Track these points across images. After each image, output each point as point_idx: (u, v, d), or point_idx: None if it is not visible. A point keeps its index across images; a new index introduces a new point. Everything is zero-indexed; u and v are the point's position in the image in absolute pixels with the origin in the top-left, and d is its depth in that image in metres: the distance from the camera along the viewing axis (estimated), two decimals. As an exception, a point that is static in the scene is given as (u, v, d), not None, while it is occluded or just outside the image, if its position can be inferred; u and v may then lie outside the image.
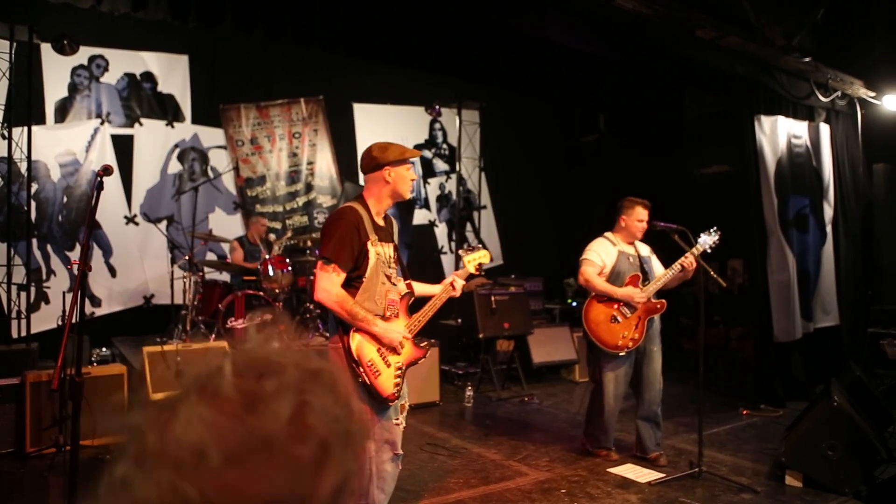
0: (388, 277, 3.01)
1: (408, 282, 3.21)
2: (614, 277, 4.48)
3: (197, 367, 0.64)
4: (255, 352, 0.66)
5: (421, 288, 3.32)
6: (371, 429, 2.91)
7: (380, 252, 2.98)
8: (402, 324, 3.06)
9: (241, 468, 0.57)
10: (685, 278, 4.42)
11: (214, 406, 0.59)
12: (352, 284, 2.93)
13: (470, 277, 3.36)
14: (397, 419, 3.02)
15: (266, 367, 0.63)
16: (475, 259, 3.35)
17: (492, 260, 4.08)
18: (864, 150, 7.49)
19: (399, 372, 2.97)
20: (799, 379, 6.59)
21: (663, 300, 4.49)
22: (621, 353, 4.40)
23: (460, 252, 3.40)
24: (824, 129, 7.12)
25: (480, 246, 3.46)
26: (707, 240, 4.39)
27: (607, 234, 4.66)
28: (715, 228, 4.41)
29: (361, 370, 2.85)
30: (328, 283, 2.85)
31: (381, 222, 3.09)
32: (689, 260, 4.30)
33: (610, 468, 4.50)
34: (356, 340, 2.88)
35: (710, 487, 4.13)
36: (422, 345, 3.15)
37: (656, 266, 4.66)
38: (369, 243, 2.95)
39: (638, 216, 4.51)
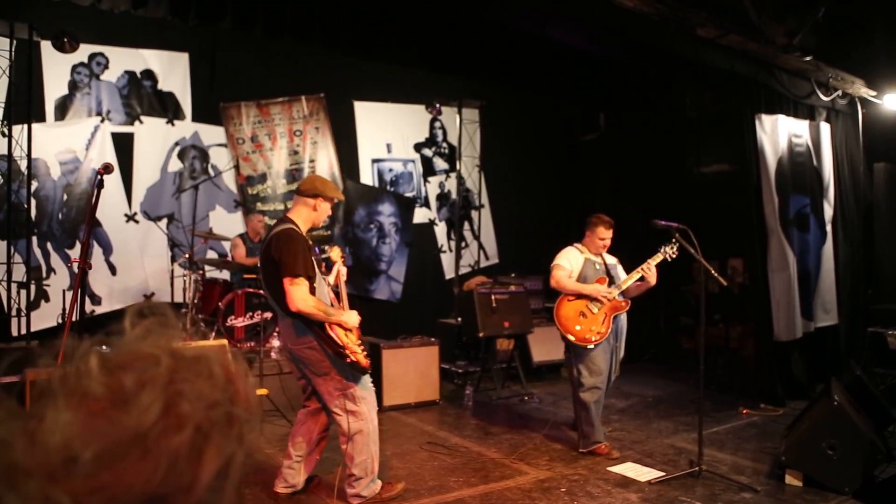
0: (323, 279, 3.82)
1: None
2: (581, 281, 4.81)
3: (62, 368, 0.62)
4: (126, 346, 0.63)
5: None
6: (363, 395, 3.63)
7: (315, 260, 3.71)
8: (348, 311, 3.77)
9: (115, 467, 0.56)
10: (648, 286, 4.75)
11: (81, 407, 0.58)
12: (311, 291, 3.56)
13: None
14: (371, 382, 3.77)
15: (136, 361, 0.61)
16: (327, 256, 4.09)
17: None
18: (864, 150, 7.49)
19: (361, 345, 3.66)
20: (799, 378, 6.59)
21: (628, 300, 4.78)
22: (589, 346, 4.64)
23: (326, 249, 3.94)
24: (825, 129, 7.12)
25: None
26: (667, 250, 4.69)
27: (576, 244, 5.01)
28: (674, 240, 4.65)
29: (348, 352, 3.49)
30: (303, 294, 3.44)
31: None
32: (648, 266, 4.65)
33: (610, 467, 4.50)
34: (336, 332, 3.52)
35: (710, 486, 4.13)
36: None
37: (622, 274, 4.96)
38: (313, 256, 3.66)
39: (600, 234, 4.84)
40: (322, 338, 3.49)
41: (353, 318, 3.68)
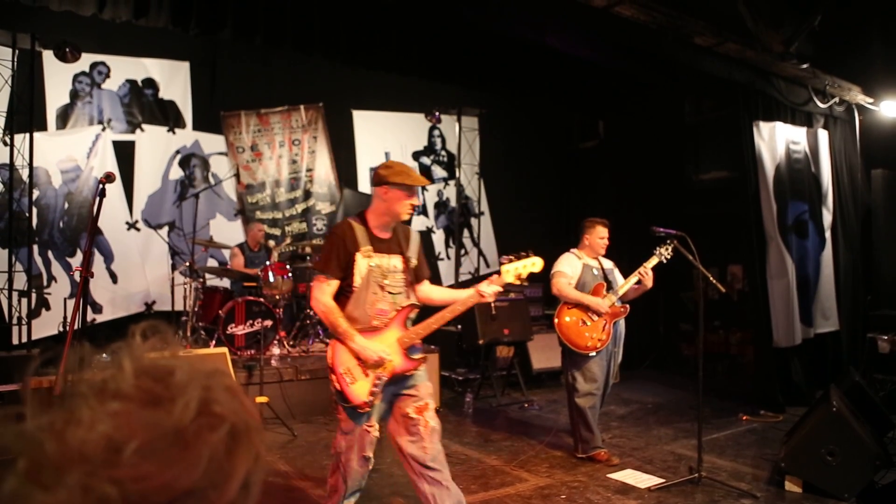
0: (382, 287, 3.09)
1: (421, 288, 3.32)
2: (580, 287, 4.81)
3: (90, 374, 0.64)
4: (150, 358, 0.66)
5: (446, 294, 3.39)
6: (350, 429, 3.08)
7: (375, 263, 3.09)
8: (392, 336, 3.10)
9: (157, 459, 0.57)
10: (645, 289, 4.74)
11: (119, 402, 0.60)
12: (344, 293, 3.09)
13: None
14: (370, 425, 3.11)
15: (163, 370, 0.64)
16: (516, 270, 3.21)
17: (542, 269, 4.07)
18: (862, 156, 7.51)
19: (378, 382, 3.04)
20: (798, 384, 6.59)
21: (627, 305, 4.77)
22: (591, 354, 4.65)
23: (502, 258, 3.29)
24: (823, 135, 7.15)
25: (527, 254, 3.27)
26: (661, 252, 4.68)
27: (573, 250, 5.00)
28: (668, 241, 4.65)
29: (334, 377, 3.04)
30: (318, 293, 3.07)
31: (382, 235, 3.18)
32: (645, 269, 4.63)
33: (610, 474, 4.50)
34: (334, 349, 3.07)
35: (709, 493, 4.13)
36: (415, 356, 3.13)
37: (619, 277, 4.98)
38: (359, 254, 3.07)
39: (599, 234, 4.86)
40: (331, 351, 3.09)
41: (367, 350, 3.00)
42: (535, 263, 3.26)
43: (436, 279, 9.18)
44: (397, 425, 3.14)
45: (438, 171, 9.53)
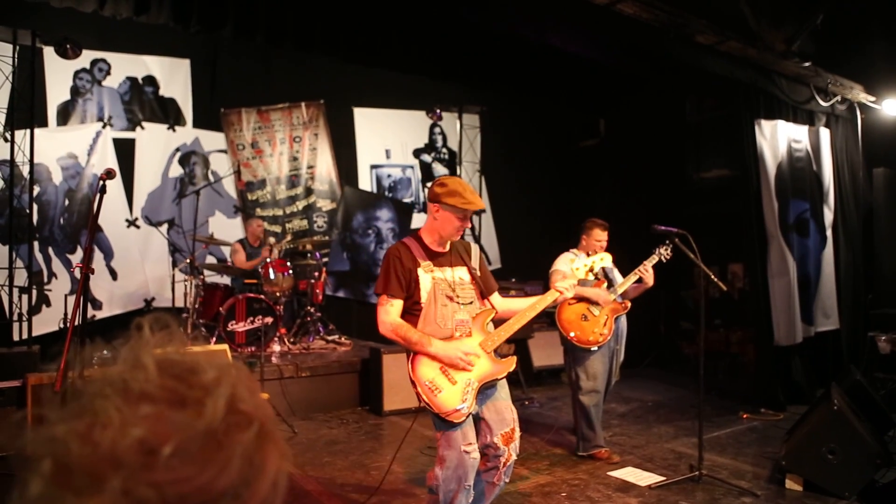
0: (451, 299, 3.01)
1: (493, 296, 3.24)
2: (578, 286, 4.74)
3: (107, 371, 0.62)
4: (169, 354, 0.65)
5: (521, 303, 3.29)
6: (449, 448, 2.88)
7: (439, 276, 3.02)
8: (475, 340, 2.98)
9: (193, 461, 0.57)
10: (646, 287, 4.74)
11: (149, 405, 0.59)
12: (411, 312, 3.00)
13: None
14: (469, 444, 2.87)
15: (186, 367, 0.63)
16: (585, 265, 3.26)
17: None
18: (864, 155, 7.50)
19: (468, 388, 2.88)
20: (799, 383, 6.59)
21: (627, 302, 4.78)
22: (593, 349, 4.65)
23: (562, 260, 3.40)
24: (824, 134, 7.14)
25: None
26: (661, 251, 4.69)
27: (572, 249, 5.02)
28: (668, 240, 4.65)
29: (418, 390, 2.88)
30: (383, 315, 2.95)
31: (439, 249, 3.11)
32: (645, 267, 4.62)
33: (610, 471, 4.50)
34: (413, 364, 2.93)
35: (710, 491, 4.13)
36: (503, 359, 3.03)
37: (618, 276, 4.98)
38: (420, 270, 3.00)
39: (596, 237, 4.86)
40: (410, 366, 2.95)
41: (447, 351, 2.88)
42: (603, 258, 3.34)
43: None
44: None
45: (439, 169, 9.53)
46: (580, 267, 3.28)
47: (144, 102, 7.57)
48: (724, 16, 5.85)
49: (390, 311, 2.95)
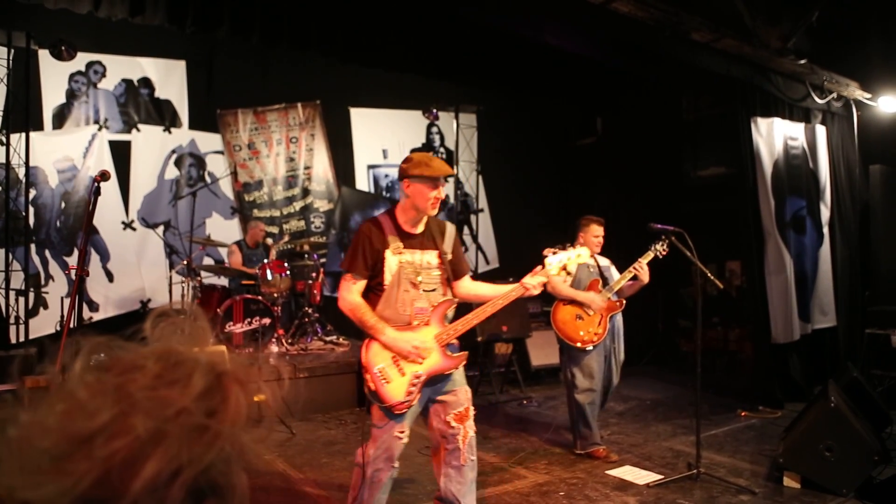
0: (415, 285, 2.96)
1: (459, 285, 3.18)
2: (575, 284, 4.81)
3: (62, 371, 0.64)
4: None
5: (489, 289, 3.24)
6: (382, 433, 2.96)
7: (406, 260, 2.97)
8: (430, 332, 2.96)
9: (61, 464, 0.57)
10: (641, 285, 4.72)
11: (61, 406, 0.60)
12: (374, 290, 2.98)
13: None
14: (402, 431, 2.95)
15: (118, 366, 0.64)
16: (560, 262, 3.11)
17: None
18: (860, 152, 7.50)
19: (416, 381, 2.89)
20: (797, 380, 6.59)
21: (622, 300, 4.78)
22: (588, 348, 4.65)
23: (546, 250, 3.17)
24: (820, 131, 7.14)
25: (572, 245, 3.18)
26: (657, 248, 4.68)
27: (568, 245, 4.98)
28: (664, 237, 4.66)
29: (367, 376, 2.88)
30: (345, 291, 2.95)
31: (413, 230, 3.05)
32: (640, 264, 4.61)
33: (608, 470, 4.50)
34: (367, 347, 2.92)
35: (708, 489, 4.14)
36: (455, 354, 3.02)
37: (615, 274, 4.97)
38: (388, 251, 2.95)
39: (594, 232, 4.86)
40: (364, 350, 2.96)
41: (399, 342, 2.87)
42: (580, 255, 3.19)
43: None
44: (433, 432, 3.08)
45: (436, 169, 9.52)
46: (553, 263, 3.12)
47: (140, 104, 7.56)
48: (720, 13, 5.85)
49: (352, 289, 2.95)
